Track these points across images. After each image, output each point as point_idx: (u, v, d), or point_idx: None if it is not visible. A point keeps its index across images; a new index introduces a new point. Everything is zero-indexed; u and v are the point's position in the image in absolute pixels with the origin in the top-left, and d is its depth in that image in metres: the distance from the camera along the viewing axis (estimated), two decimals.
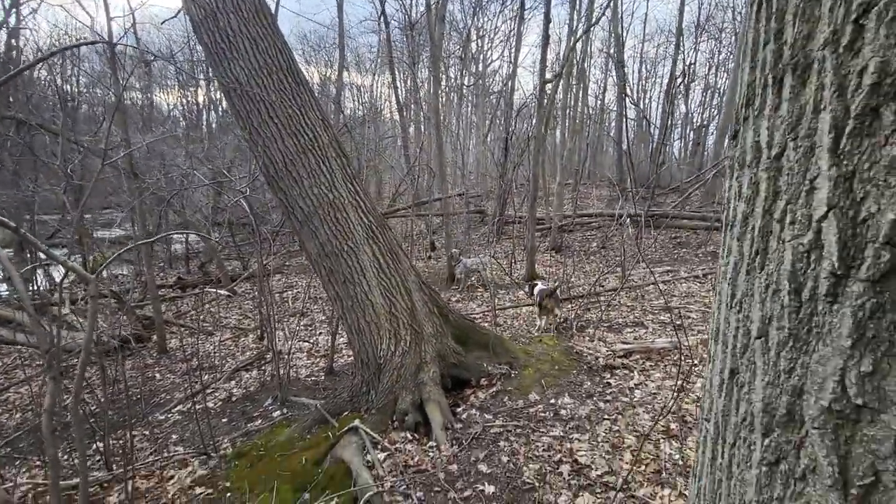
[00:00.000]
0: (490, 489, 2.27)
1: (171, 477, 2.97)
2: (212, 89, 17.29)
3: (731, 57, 18.59)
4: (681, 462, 2.32)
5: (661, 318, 4.77)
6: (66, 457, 3.50)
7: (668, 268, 7.18)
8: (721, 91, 19.99)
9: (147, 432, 3.80)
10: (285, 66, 3.12)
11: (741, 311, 0.51)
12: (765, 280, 0.47)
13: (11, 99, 7.91)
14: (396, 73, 14.90)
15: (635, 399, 3.02)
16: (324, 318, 6.38)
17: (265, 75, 3.04)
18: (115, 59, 4.95)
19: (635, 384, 3.21)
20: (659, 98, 23.02)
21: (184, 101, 17.70)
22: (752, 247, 0.49)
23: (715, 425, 0.57)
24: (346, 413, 3.15)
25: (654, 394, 3.07)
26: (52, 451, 1.65)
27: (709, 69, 20.46)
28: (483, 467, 2.44)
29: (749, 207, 0.49)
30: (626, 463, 2.37)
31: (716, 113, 19.44)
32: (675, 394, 2.76)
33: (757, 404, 0.47)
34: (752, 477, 0.48)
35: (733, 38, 18.24)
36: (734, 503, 0.52)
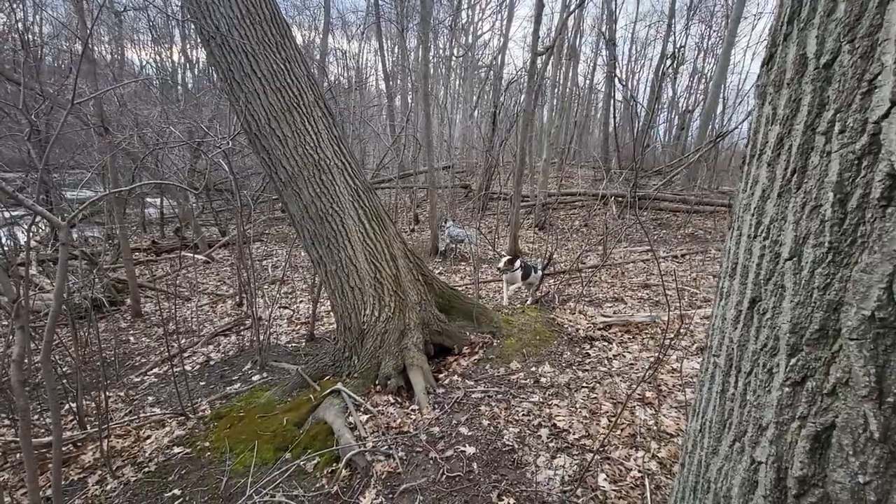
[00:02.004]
0: (471, 450, 2.31)
1: (148, 437, 2.93)
2: (188, 46, 16.41)
3: (721, 42, 18.60)
4: (654, 427, 2.41)
5: (640, 294, 4.89)
6: (36, 416, 3.41)
7: (648, 247, 7.31)
8: (708, 76, 20.09)
9: (122, 394, 3.72)
10: (269, 15, 2.95)
11: (768, 237, 0.50)
12: (802, 199, 0.46)
13: None
14: (384, 39, 14.40)
15: (613, 369, 3.10)
16: (304, 286, 6.31)
17: (248, 25, 2.87)
18: (81, 2, 4.60)
19: (614, 355, 3.29)
20: (647, 80, 23.00)
21: (157, 58, 16.77)
22: (787, 168, 0.47)
23: (727, 358, 0.57)
24: (327, 377, 3.14)
25: (632, 364, 3.16)
26: (21, 402, 1.58)
27: (697, 53, 20.46)
28: (464, 430, 2.48)
29: (785, 128, 0.47)
30: (603, 427, 2.45)
31: (702, 97, 19.57)
32: (654, 363, 2.84)
33: (783, 326, 0.47)
34: (771, 399, 0.48)
35: (723, 22, 18.23)
36: (746, 430, 0.52)
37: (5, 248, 6.11)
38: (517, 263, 4.57)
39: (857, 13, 0.39)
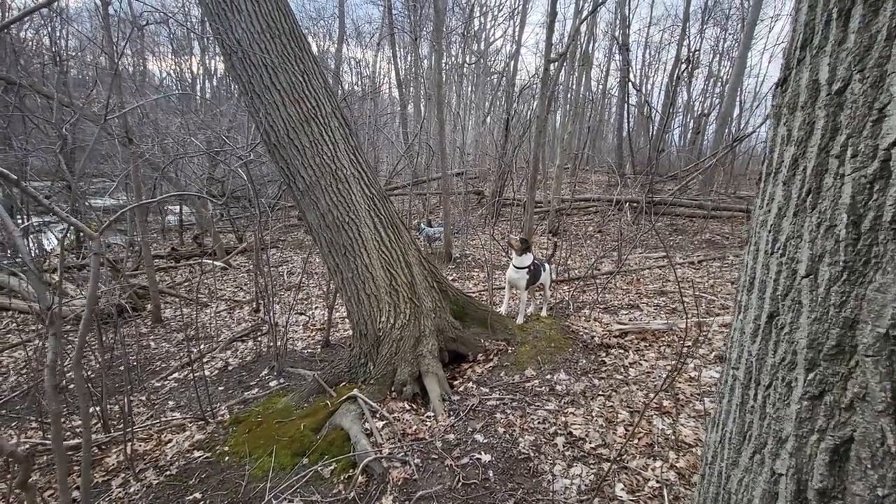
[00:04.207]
0: (486, 458, 2.31)
1: (169, 441, 3.00)
2: (206, 57, 16.84)
3: (736, 45, 18.41)
4: (672, 437, 2.38)
5: (656, 301, 4.83)
6: (63, 420, 3.52)
7: (664, 254, 7.23)
8: (724, 80, 19.84)
9: (143, 398, 3.82)
10: (289, 30, 3.03)
11: (785, 254, 0.51)
12: (816, 218, 0.47)
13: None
14: (397, 47, 14.58)
15: (629, 377, 3.07)
16: (320, 292, 6.38)
17: (268, 39, 2.95)
18: (108, 18, 4.78)
19: (630, 363, 3.26)
20: (661, 84, 22.80)
21: (177, 69, 17.22)
22: (802, 188, 0.49)
23: (746, 371, 0.58)
24: (343, 383, 3.17)
25: (648, 372, 3.12)
26: (54, 406, 1.65)
27: (712, 57, 20.25)
28: (479, 437, 2.49)
29: (800, 149, 0.49)
30: (620, 436, 2.43)
31: (717, 101, 19.34)
32: (672, 372, 2.81)
33: (801, 342, 0.48)
34: (790, 413, 0.50)
35: (739, 25, 18.03)
36: (765, 441, 0.53)
37: (34, 255, 6.33)
38: (529, 258, 3.83)
39: (867, 45, 0.41)
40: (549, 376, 3.10)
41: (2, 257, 6.16)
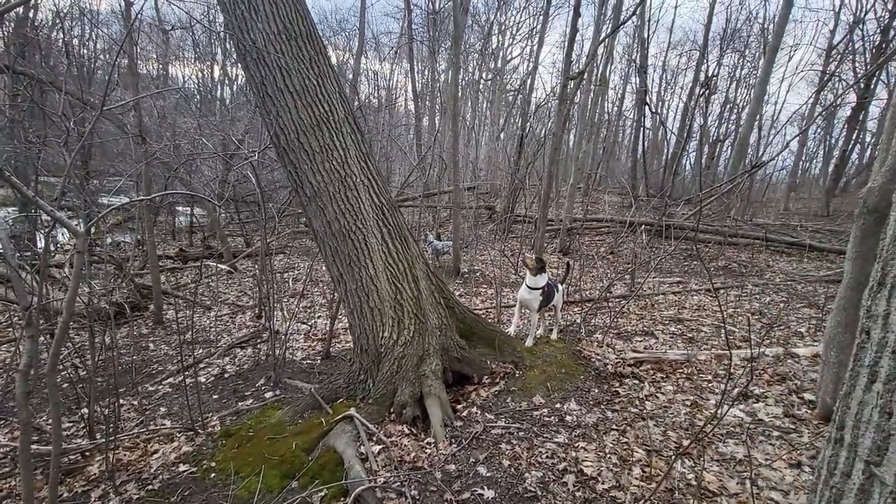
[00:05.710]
0: (489, 494, 2.13)
1: (156, 451, 2.86)
2: (228, 64, 17.15)
3: (754, 72, 18.37)
4: (695, 483, 2.17)
5: (671, 329, 4.61)
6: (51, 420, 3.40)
7: (679, 279, 7.01)
8: (740, 106, 19.71)
9: (135, 402, 3.69)
10: (305, 32, 2.96)
11: None
12: None
13: (25, 57, 7.77)
14: (415, 60, 14.70)
15: (646, 411, 2.87)
16: (323, 301, 6.26)
17: (283, 41, 2.87)
18: (130, 16, 4.79)
19: (646, 395, 3.06)
20: (677, 108, 22.71)
21: (200, 74, 17.53)
22: None
23: None
24: (340, 400, 3.02)
25: (666, 407, 2.91)
26: (23, 414, 1.52)
27: (729, 84, 20.09)
28: (482, 470, 2.30)
29: None
30: (636, 478, 2.22)
31: (732, 128, 19.17)
32: (710, 419, 2.61)
33: None
34: None
35: (758, 52, 17.97)
36: None
37: (30, 252, 6.29)
38: (543, 279, 3.62)
39: None
40: (558, 405, 2.90)
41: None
